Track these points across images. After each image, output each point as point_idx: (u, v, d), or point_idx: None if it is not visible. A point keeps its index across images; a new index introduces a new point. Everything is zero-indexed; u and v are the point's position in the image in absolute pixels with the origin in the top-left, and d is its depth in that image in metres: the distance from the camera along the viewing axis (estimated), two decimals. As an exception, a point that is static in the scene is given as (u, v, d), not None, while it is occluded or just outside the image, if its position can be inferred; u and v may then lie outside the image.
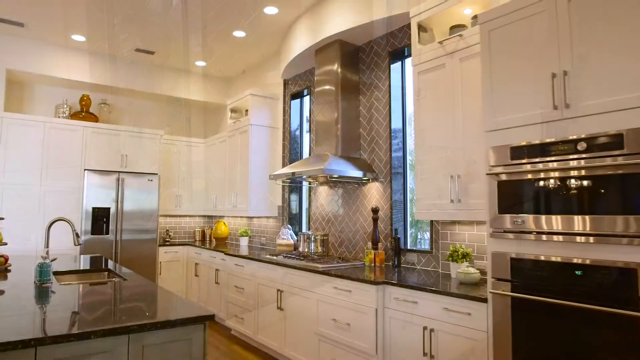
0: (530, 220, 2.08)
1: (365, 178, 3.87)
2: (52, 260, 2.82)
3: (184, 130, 6.75)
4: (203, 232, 6.47)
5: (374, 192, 3.91)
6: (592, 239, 1.87)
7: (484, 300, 2.27)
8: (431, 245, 3.36)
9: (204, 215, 6.75)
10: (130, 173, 5.53)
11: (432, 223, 3.36)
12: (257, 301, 4.12)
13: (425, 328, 2.56)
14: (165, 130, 6.43)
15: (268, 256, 4.13)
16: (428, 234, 3.99)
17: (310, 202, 4.73)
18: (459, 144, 2.76)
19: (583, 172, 1.90)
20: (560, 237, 1.96)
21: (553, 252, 2.00)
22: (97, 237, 5.24)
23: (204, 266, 5.44)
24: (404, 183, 3.81)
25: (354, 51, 4.18)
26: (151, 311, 1.83)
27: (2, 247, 4.55)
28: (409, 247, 3.68)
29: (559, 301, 1.94)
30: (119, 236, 5.39)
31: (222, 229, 6.04)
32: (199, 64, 5.95)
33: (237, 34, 4.93)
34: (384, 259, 3.61)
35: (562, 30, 2.02)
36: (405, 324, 2.69)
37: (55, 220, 2.70)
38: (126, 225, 5.44)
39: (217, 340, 4.50)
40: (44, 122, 5.05)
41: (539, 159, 2.07)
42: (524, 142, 2.13)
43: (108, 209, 5.34)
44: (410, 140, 3.83)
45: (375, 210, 3.73)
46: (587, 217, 1.89)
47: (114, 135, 5.50)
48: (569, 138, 1.96)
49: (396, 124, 3.84)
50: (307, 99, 5.18)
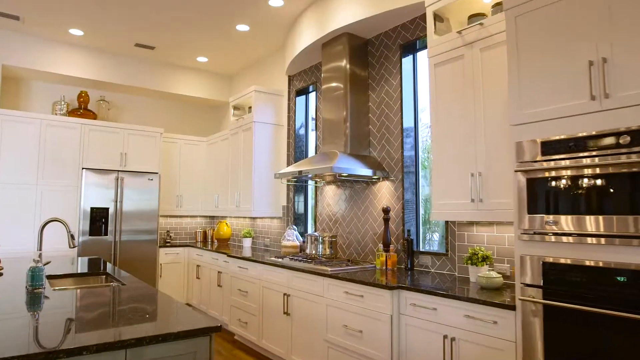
0: (564, 221, 1.90)
1: (375, 177, 3.70)
2: (45, 264, 2.65)
3: (184, 127, 6.58)
4: (205, 233, 6.29)
5: (385, 192, 3.73)
6: (635, 242, 1.70)
7: (512, 307, 2.10)
8: (446, 247, 3.19)
9: (206, 216, 6.58)
10: (130, 172, 5.36)
11: (447, 224, 3.19)
12: (262, 305, 3.94)
13: (445, 337, 2.38)
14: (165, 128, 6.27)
15: (273, 258, 3.95)
16: (437, 235, 3.83)
17: (316, 202, 4.56)
18: (479, 139, 2.58)
19: (625, 168, 1.73)
20: (602, 240, 1.78)
21: (591, 255, 1.83)
22: (96, 238, 5.07)
23: (206, 268, 5.27)
24: (416, 182, 3.64)
25: (362, 45, 4.01)
26: (151, 322, 1.66)
27: (-4, 248, 4.39)
28: (421, 249, 3.51)
29: (599, 310, 1.77)
30: (118, 237, 5.22)
31: (224, 229, 5.86)
32: (201, 59, 5.77)
33: (240, 28, 4.76)
34: (396, 262, 3.44)
35: (600, 13, 1.85)
36: (423, 331, 2.52)
37: (49, 221, 2.52)
38: (125, 226, 5.27)
39: (219, 345, 4.33)
40: (41, 119, 4.88)
41: (574, 154, 1.89)
42: (557, 136, 1.96)
43: (107, 209, 5.17)
44: (423, 137, 3.66)
45: (386, 211, 3.56)
46: (629, 218, 1.71)
47: (112, 133, 5.33)
48: (610, 131, 1.79)
49: (407, 121, 3.67)
50: (312, 95, 5.01)
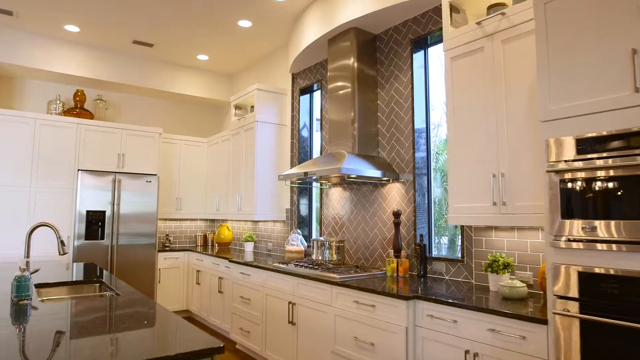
0: (604, 226, 1.72)
1: (384, 178, 3.51)
2: (33, 272, 2.46)
3: (183, 128, 6.39)
4: (205, 237, 6.10)
5: (395, 194, 3.55)
6: (689, 251, 1.51)
7: (544, 321, 1.91)
8: (462, 253, 3.00)
9: (206, 219, 6.38)
10: (128, 174, 5.18)
11: (462, 228, 3.00)
12: (265, 314, 3.75)
13: (467, 352, 2.19)
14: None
15: (278, 264, 3.76)
16: (446, 239, 3.65)
17: (321, 205, 4.37)
18: (502, 137, 2.40)
19: (678, 168, 1.54)
20: (652, 248, 1.60)
21: (636, 265, 1.64)
22: (92, 242, 4.88)
23: (206, 274, 5.07)
24: (428, 184, 3.46)
25: (371, 40, 3.83)
26: (147, 341, 1.47)
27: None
28: (434, 255, 3.32)
29: (647, 326, 1.58)
30: (115, 241, 5.02)
31: (225, 233, 5.68)
32: (201, 57, 5.60)
33: (242, 24, 4.58)
34: (408, 268, 3.25)
35: (645, -3, 1.67)
36: (442, 345, 2.33)
37: (38, 226, 2.34)
38: (123, 230, 5.08)
39: (220, 356, 4.13)
40: (35, 119, 4.70)
41: (614, 153, 1.71)
42: (595, 133, 1.77)
43: (103, 212, 4.98)
44: (433, 137, 3.48)
45: (397, 214, 3.37)
46: (681, 224, 1.53)
47: (110, 133, 5.14)
48: (658, 126, 1.61)
49: (419, 120, 3.48)
50: (317, 94, 4.82)
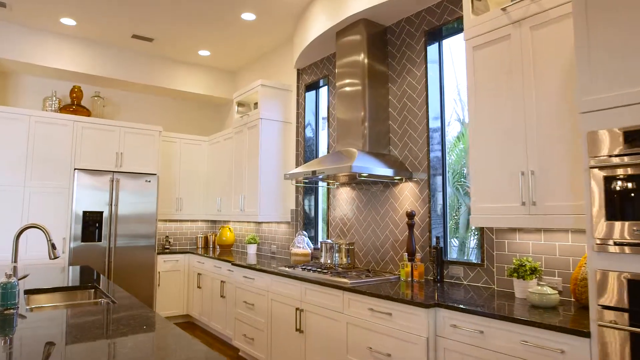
0: (658, 229, 1.53)
1: (397, 177, 3.32)
2: (21, 278, 2.27)
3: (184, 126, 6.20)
4: (206, 239, 5.91)
5: (408, 194, 3.36)
6: None
7: (585, 334, 1.72)
8: (482, 256, 2.81)
9: (207, 220, 6.19)
10: (126, 173, 4.99)
11: (482, 230, 2.81)
12: (270, 320, 3.56)
13: (496, 366, 2.00)
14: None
15: (284, 268, 3.57)
16: (456, 241, 3.47)
17: (328, 205, 4.18)
18: (531, 131, 2.21)
19: None
20: None
21: (699, 273, 1.45)
22: (88, 244, 4.68)
23: (208, 277, 4.88)
24: (444, 183, 3.27)
25: (381, 33, 3.65)
26: (145, 353, 1.28)
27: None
28: (449, 258, 3.13)
29: None
30: (113, 243, 4.83)
31: (227, 235, 5.48)
32: (203, 53, 5.41)
33: (245, 17, 4.40)
34: (424, 273, 3.06)
35: None
36: (466, 358, 2.14)
37: (26, 228, 2.15)
38: (121, 231, 4.89)
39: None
40: (30, 116, 4.51)
41: (670, 147, 1.52)
42: (646, 124, 1.59)
43: (101, 212, 4.79)
44: (449, 134, 3.29)
45: (410, 215, 3.18)
46: None
47: (108, 131, 4.95)
48: None
49: (433, 117, 3.30)
50: (324, 90, 4.64)
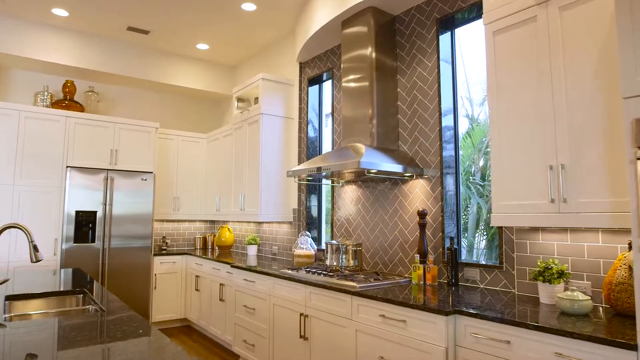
0: None
1: (407, 174, 3.13)
2: (1, 283, 2.07)
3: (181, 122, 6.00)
4: (205, 239, 5.71)
5: (418, 192, 3.16)
6: None
7: (632, 347, 1.52)
8: (500, 258, 2.62)
9: (206, 220, 5.99)
10: (121, 171, 4.78)
11: (501, 230, 2.62)
12: (272, 326, 3.36)
13: (526, 381, 1.81)
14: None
15: (287, 270, 3.37)
16: (465, 241, 3.28)
17: (333, 204, 3.99)
18: (561, 121, 2.02)
19: None
20: None
21: None
22: (81, 245, 4.48)
23: (206, 279, 4.68)
24: (457, 180, 3.08)
25: (389, 22, 3.45)
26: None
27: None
28: (464, 260, 2.93)
29: None
30: (107, 244, 4.63)
31: (226, 235, 5.28)
32: (201, 47, 5.21)
33: (246, 7, 4.20)
34: (437, 275, 2.86)
35: None
36: (491, 371, 1.94)
37: (6, 228, 1.95)
38: (115, 232, 4.68)
39: (222, 371, 3.74)
40: (19, 111, 4.30)
41: None
42: None
43: (94, 212, 4.58)
44: (462, 129, 3.10)
45: (422, 214, 2.99)
46: None
47: (102, 128, 4.75)
48: None
49: (445, 110, 3.10)
50: (327, 84, 4.44)
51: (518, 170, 2.18)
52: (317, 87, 4.53)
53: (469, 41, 3.30)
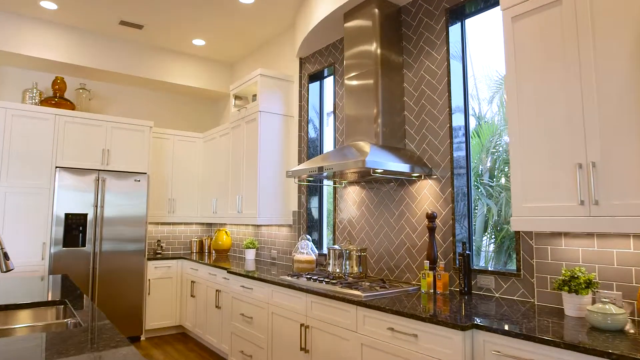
0: None
1: (414, 174, 2.93)
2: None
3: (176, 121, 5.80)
4: (201, 243, 5.50)
5: (427, 193, 2.96)
6: None
7: (685, 371, 1.32)
8: (518, 265, 2.42)
9: (202, 223, 5.78)
10: (113, 172, 4.58)
11: (518, 234, 2.41)
12: (271, 336, 3.15)
13: (556, 406, 1.60)
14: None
15: (286, 277, 3.17)
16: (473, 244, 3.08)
17: (335, 206, 3.78)
18: (591, 115, 1.82)
19: None
20: None
21: None
22: (71, 249, 4.27)
23: (202, 285, 4.47)
24: (468, 181, 2.88)
25: (395, 13, 3.26)
26: None
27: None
28: (475, 266, 2.73)
29: None
30: (98, 248, 4.42)
31: (223, 239, 5.08)
32: (197, 42, 5.01)
33: (243, 0, 4.00)
34: (448, 283, 2.66)
35: None
36: (515, 394, 1.74)
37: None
38: (107, 235, 4.48)
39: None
40: (6, 109, 4.10)
41: None
42: None
43: (85, 215, 4.37)
44: (472, 127, 2.90)
45: (431, 217, 2.79)
46: None
47: (93, 126, 4.55)
48: None
49: (455, 106, 2.90)
50: (329, 80, 4.24)
51: (542, 169, 1.98)
52: (318, 83, 4.33)
53: (475, 34, 3.11)
